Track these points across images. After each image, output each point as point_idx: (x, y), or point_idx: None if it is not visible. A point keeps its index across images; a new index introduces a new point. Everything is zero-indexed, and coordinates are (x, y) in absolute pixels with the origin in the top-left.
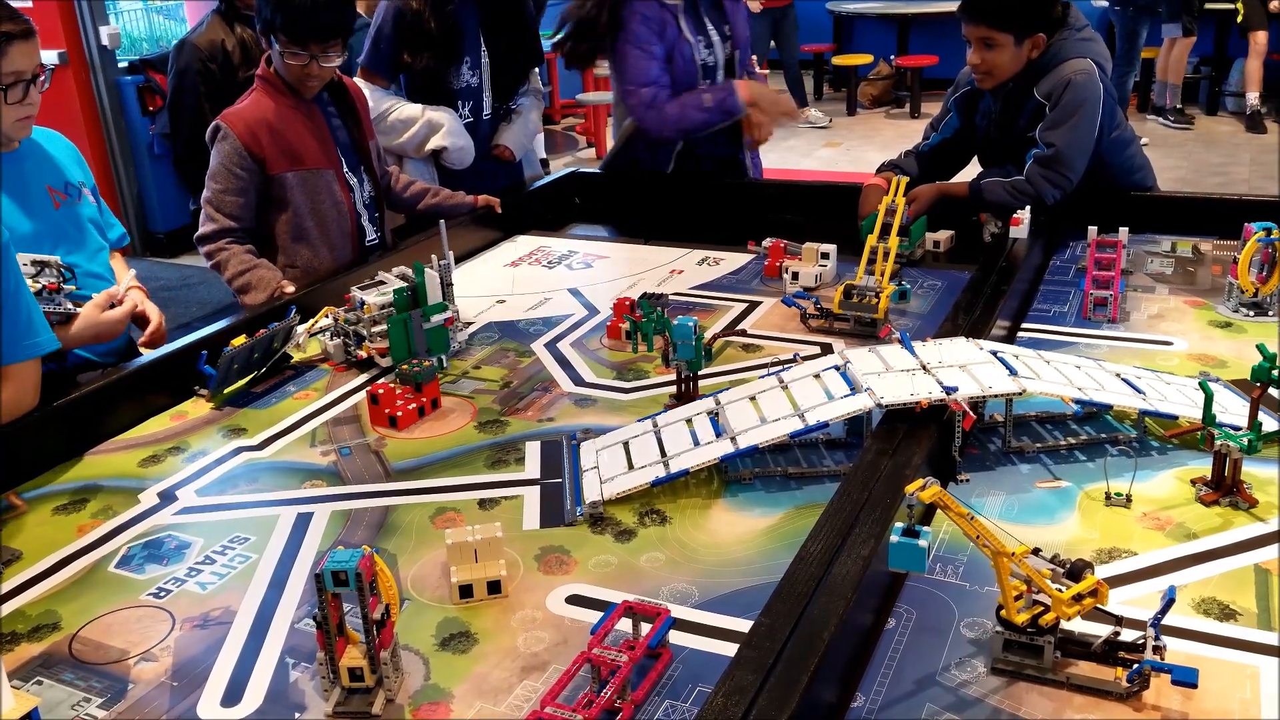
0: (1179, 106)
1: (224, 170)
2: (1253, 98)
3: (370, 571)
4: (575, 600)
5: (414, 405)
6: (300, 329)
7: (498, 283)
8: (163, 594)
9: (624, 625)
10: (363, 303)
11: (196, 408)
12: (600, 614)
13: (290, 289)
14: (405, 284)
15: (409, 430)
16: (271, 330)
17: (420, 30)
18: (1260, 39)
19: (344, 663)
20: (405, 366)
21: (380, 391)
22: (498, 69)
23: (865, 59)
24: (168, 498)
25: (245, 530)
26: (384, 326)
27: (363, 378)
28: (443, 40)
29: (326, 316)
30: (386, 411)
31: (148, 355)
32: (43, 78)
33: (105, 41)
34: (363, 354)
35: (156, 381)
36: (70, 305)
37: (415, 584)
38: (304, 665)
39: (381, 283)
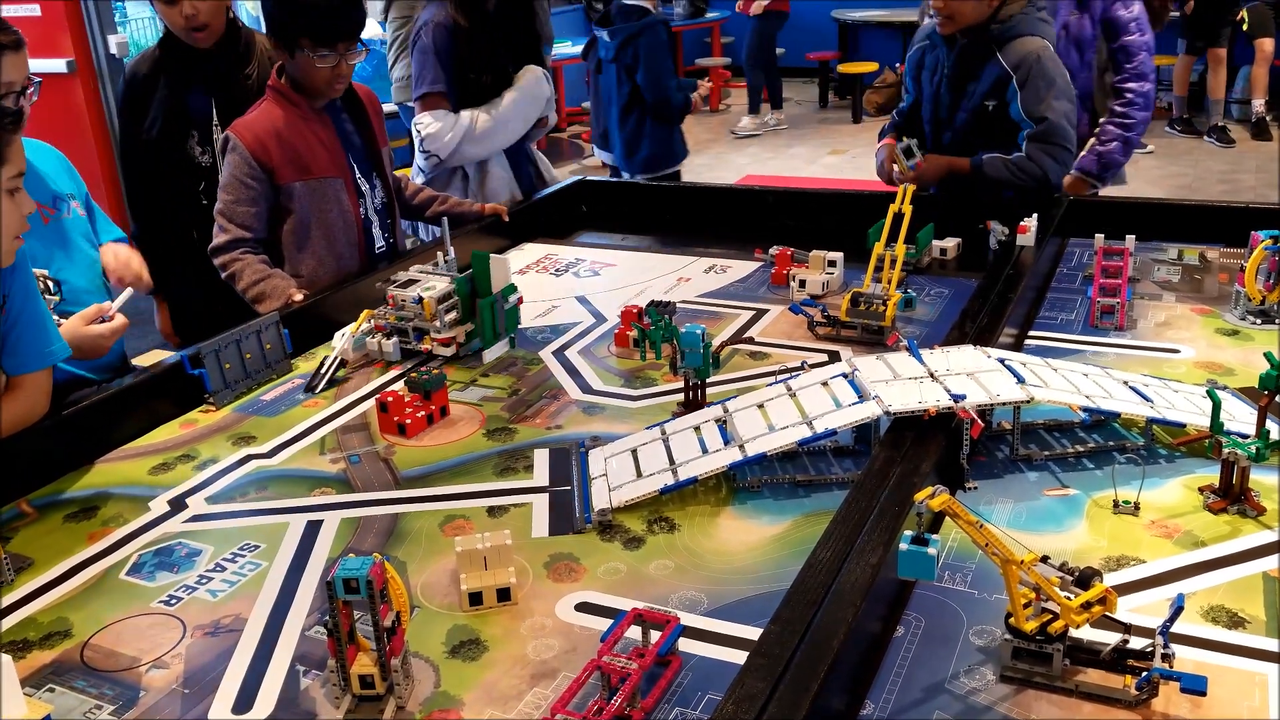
0: (1185, 116)
1: (234, 181)
2: (1259, 104)
3: (381, 579)
4: (584, 608)
5: (423, 413)
6: (345, 332)
7: None
8: (173, 601)
9: (633, 633)
10: (420, 298)
11: (206, 415)
12: (610, 621)
13: (299, 297)
14: (452, 275)
15: (418, 438)
16: (254, 325)
17: (472, 45)
18: (1267, 46)
19: (355, 670)
20: (415, 374)
21: (389, 399)
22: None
23: (870, 67)
24: (178, 505)
25: (255, 538)
26: (455, 315)
27: (371, 385)
28: (498, 50)
29: (368, 320)
30: (395, 419)
31: (156, 365)
32: (31, 89)
33: (114, 50)
34: (425, 347)
35: (166, 389)
36: (57, 319)
37: (425, 591)
38: (315, 673)
39: (413, 280)
